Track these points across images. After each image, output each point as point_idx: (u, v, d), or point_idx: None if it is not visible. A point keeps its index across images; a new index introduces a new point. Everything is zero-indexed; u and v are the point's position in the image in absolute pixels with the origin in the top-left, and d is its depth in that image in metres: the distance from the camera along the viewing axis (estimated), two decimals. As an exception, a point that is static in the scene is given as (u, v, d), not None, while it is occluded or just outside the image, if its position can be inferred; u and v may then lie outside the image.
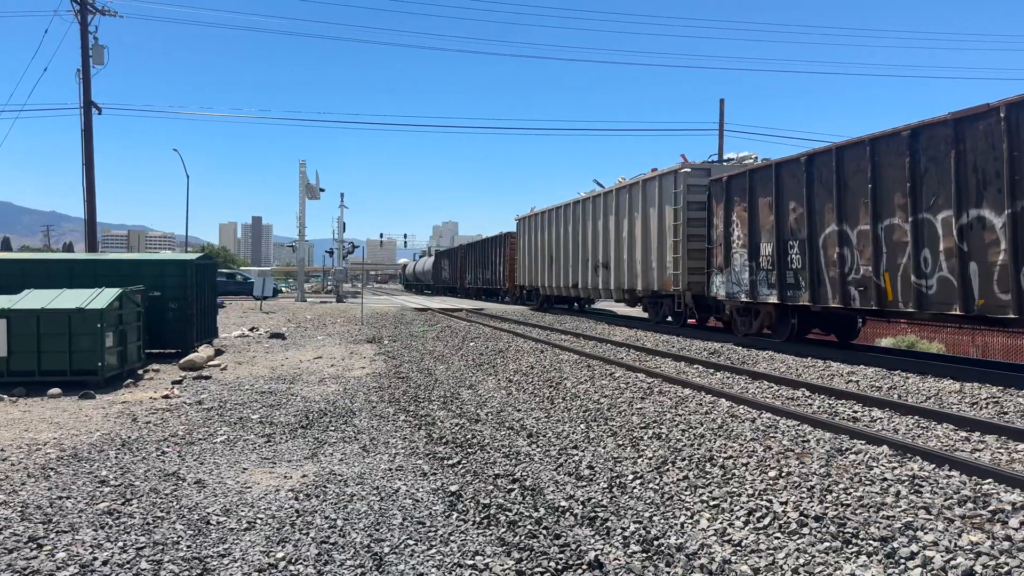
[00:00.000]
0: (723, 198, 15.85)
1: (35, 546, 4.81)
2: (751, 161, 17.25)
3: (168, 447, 7.66)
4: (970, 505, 4.99)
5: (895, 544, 4.47)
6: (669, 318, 19.10)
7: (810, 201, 13.00)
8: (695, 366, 12.17)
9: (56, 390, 11.02)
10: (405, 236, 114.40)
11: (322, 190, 45.10)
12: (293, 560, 4.64)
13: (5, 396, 10.61)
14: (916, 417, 7.81)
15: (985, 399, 8.53)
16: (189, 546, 4.86)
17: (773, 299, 14.11)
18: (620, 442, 7.44)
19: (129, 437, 8.08)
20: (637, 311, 24.67)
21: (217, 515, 5.49)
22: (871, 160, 11.49)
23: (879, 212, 11.40)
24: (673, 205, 17.56)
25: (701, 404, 8.83)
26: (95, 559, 4.60)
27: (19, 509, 5.55)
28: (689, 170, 17.39)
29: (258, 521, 5.37)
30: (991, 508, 4.90)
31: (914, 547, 4.41)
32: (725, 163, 17.68)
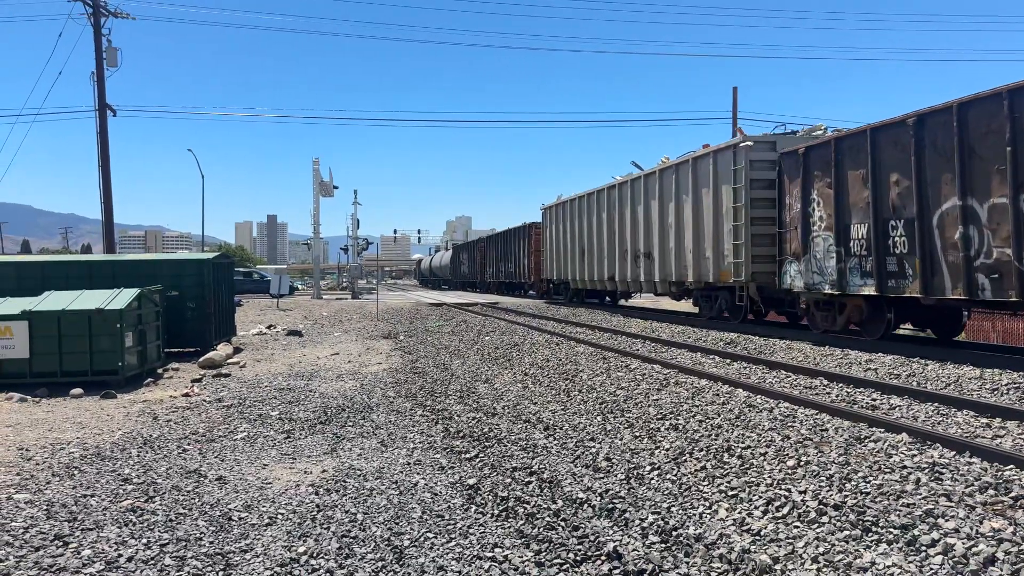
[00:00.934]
0: (799, 173, 13.73)
1: (61, 544, 4.89)
2: (820, 133, 15.09)
3: (189, 445, 7.74)
4: (991, 492, 4.96)
5: (915, 531, 4.46)
6: (726, 313, 17.01)
7: (920, 172, 11.01)
8: (712, 356, 12.14)
9: (78, 390, 11.15)
10: (419, 232, 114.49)
11: (336, 187, 45.28)
12: (314, 554, 4.68)
13: (28, 397, 10.75)
14: (936, 404, 7.76)
15: (1006, 385, 8.46)
16: (212, 542, 4.92)
17: (869, 290, 12.11)
18: (637, 433, 7.45)
19: (151, 435, 8.17)
20: (683, 305, 23.26)
21: (239, 511, 5.55)
22: (1010, 117, 9.53)
23: (1022, 181, 9.44)
24: (732, 184, 15.50)
25: (718, 394, 8.81)
26: (120, 556, 4.66)
27: (45, 507, 5.63)
28: (751, 144, 15.21)
29: (279, 516, 5.42)
30: (1013, 494, 4.87)
31: (935, 534, 4.40)
32: (792, 135, 15.48)
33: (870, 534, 4.54)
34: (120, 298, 12.21)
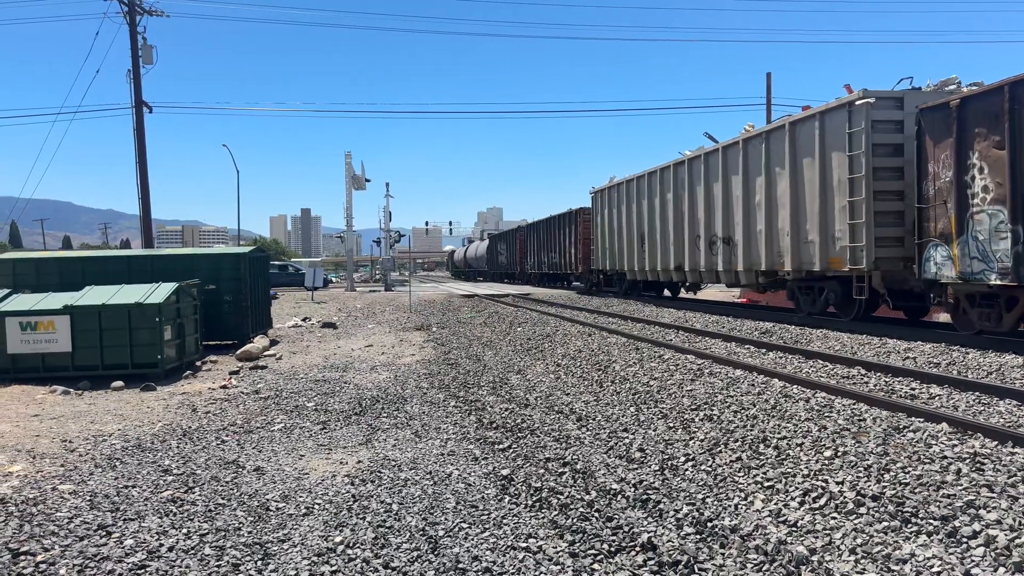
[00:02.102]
0: (951, 132, 11.04)
1: (104, 533, 5.00)
2: (954, 87, 12.71)
3: (227, 436, 7.86)
4: (1035, 482, 4.85)
5: (956, 523, 4.38)
6: (832, 308, 14.59)
7: None
8: (746, 347, 12.03)
9: (119, 383, 11.38)
10: (450, 223, 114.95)
11: (368, 180, 45.57)
12: (351, 544, 4.73)
13: (71, 390, 11.00)
14: (977, 393, 7.61)
15: (1050, 374, 8.26)
16: (250, 532, 5.00)
17: None
18: (671, 424, 7.41)
19: (190, 427, 8.31)
20: (766, 298, 20.59)
21: (276, 501, 5.62)
22: None
23: None
24: (847, 151, 12.97)
25: (753, 384, 8.73)
26: (161, 545, 4.75)
27: (88, 498, 5.76)
28: (873, 100, 12.61)
29: (316, 506, 5.49)
30: (1057, 485, 4.76)
31: (976, 526, 4.32)
32: (918, 91, 13.01)
33: (909, 525, 4.47)
34: (158, 292, 12.43)
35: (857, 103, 12.84)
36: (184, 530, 5.02)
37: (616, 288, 26.93)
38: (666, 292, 25.39)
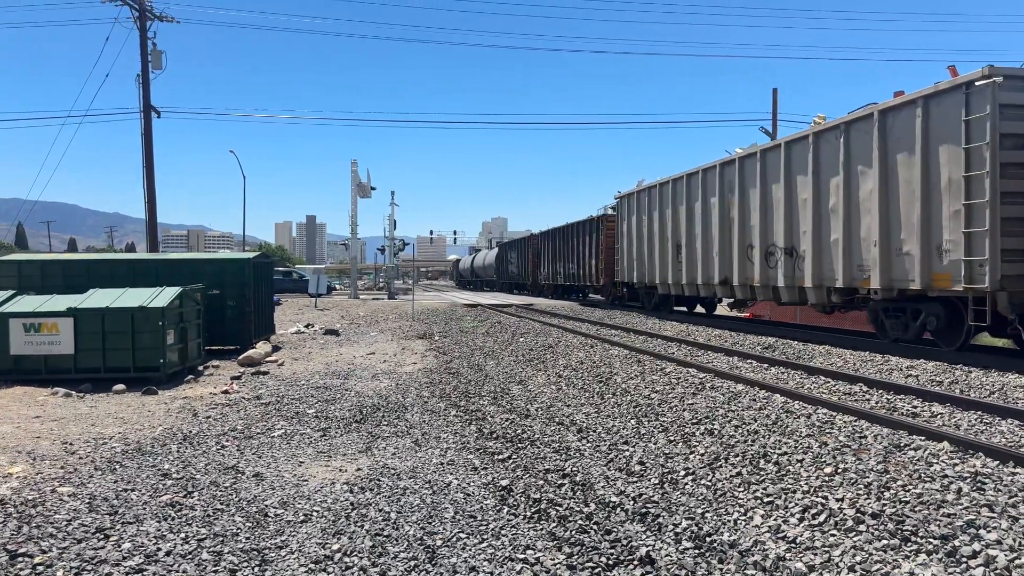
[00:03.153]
0: None
1: (102, 536, 5.00)
2: None
3: (227, 441, 7.86)
4: (1036, 503, 4.83)
5: (956, 542, 4.37)
6: (929, 334, 12.25)
7: None
8: (748, 361, 12.01)
9: (120, 386, 11.39)
10: (455, 232, 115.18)
11: (373, 188, 45.65)
12: (348, 552, 4.73)
13: (73, 392, 11.01)
14: (979, 412, 7.59)
15: (1053, 394, 8.24)
16: (248, 538, 4.99)
17: None
18: (671, 438, 7.39)
19: (190, 432, 8.32)
20: (833, 321, 18.56)
21: (275, 507, 5.62)
22: None
23: None
24: (963, 143, 10.64)
25: (755, 400, 8.71)
26: (159, 549, 4.75)
27: (87, 501, 5.77)
28: (1000, 79, 10.28)
29: (314, 513, 5.48)
30: (1058, 506, 4.74)
31: (976, 545, 4.30)
32: None
33: (909, 544, 4.46)
34: (162, 296, 12.46)
35: (978, 83, 10.44)
36: (182, 535, 5.02)
37: (643, 303, 24.37)
38: (698, 308, 23.24)
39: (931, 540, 4.44)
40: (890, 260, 12.28)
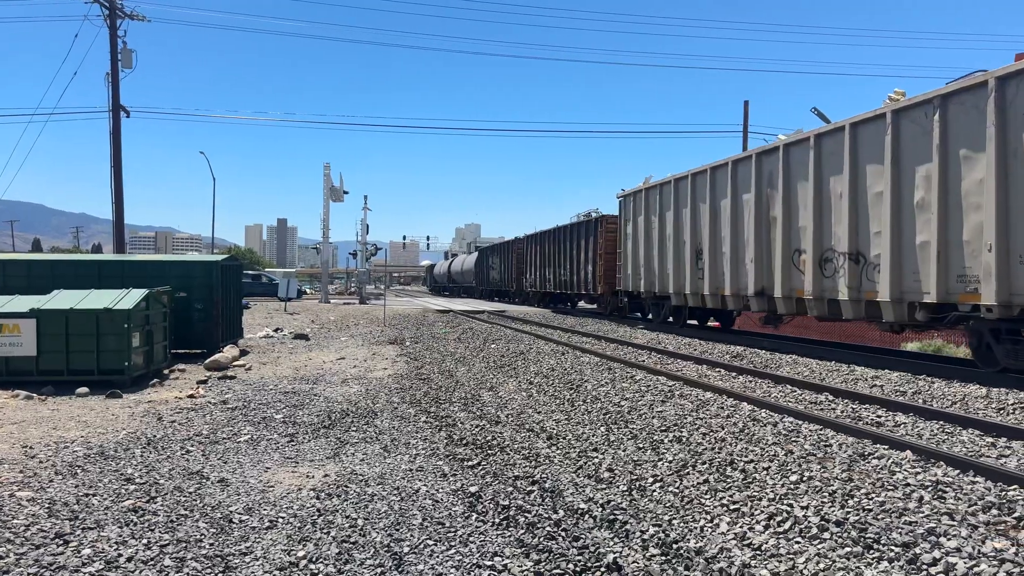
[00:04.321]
0: None
1: (62, 542, 4.90)
2: None
3: (193, 446, 7.75)
4: (995, 511, 4.93)
5: (917, 550, 4.43)
6: None
7: None
8: (717, 369, 12.11)
9: (84, 389, 11.19)
10: (428, 238, 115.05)
11: (346, 192, 45.42)
12: (314, 559, 4.68)
13: (35, 395, 10.80)
14: (941, 422, 7.72)
15: (1013, 404, 8.41)
16: (212, 544, 4.93)
17: None
18: (640, 445, 7.43)
19: (154, 436, 8.19)
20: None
21: (240, 513, 5.55)
22: None
23: None
24: None
25: (723, 407, 8.78)
26: (120, 555, 4.67)
27: (47, 506, 5.65)
28: None
29: (280, 520, 5.42)
30: (1016, 515, 4.83)
31: (936, 553, 4.37)
32: None
33: (871, 551, 4.51)
34: (128, 298, 12.27)
35: None
36: (144, 540, 4.94)
37: (650, 315, 21.71)
38: (697, 322, 20.90)
39: (893, 547, 4.51)
40: (1009, 269, 9.79)
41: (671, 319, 20.30)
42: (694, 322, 20.65)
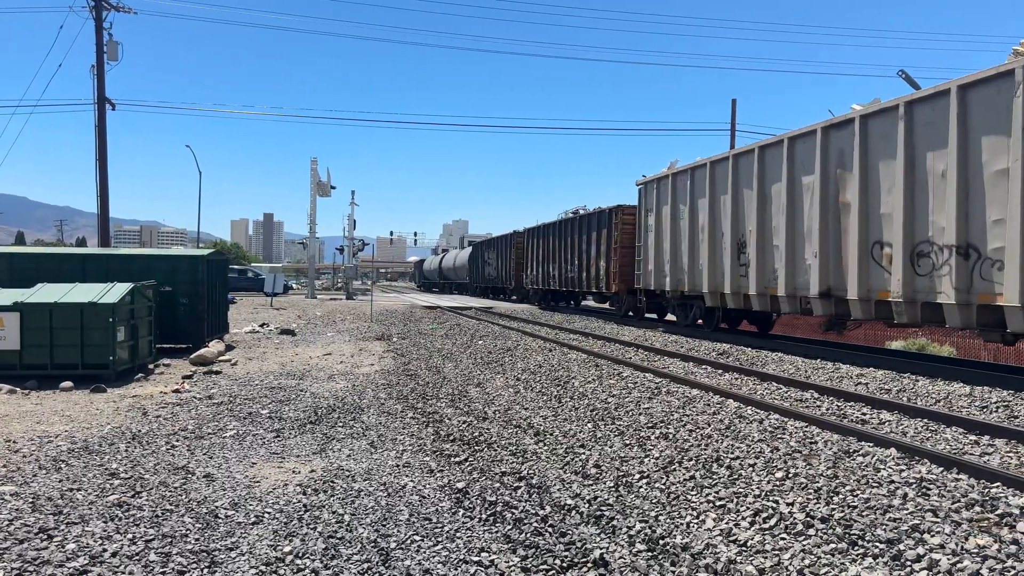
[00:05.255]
0: None
1: (45, 537, 4.86)
2: None
3: (178, 441, 7.71)
4: (978, 508, 4.97)
5: (901, 546, 4.47)
6: None
7: None
8: (704, 367, 12.15)
9: (68, 383, 11.11)
10: (415, 234, 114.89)
11: (333, 187, 45.31)
12: (300, 554, 4.67)
13: (18, 389, 10.71)
14: (925, 420, 7.78)
15: (996, 403, 8.49)
16: (197, 539, 4.90)
17: None
18: (627, 441, 7.45)
19: (139, 431, 8.14)
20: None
21: (225, 509, 5.53)
22: None
23: None
24: None
25: (709, 404, 8.82)
26: (104, 550, 4.64)
27: (30, 500, 5.61)
28: None
29: (266, 515, 5.40)
30: (999, 512, 4.88)
31: (920, 549, 4.41)
32: None
33: (856, 548, 4.55)
34: (113, 292, 12.18)
35: None
36: (129, 535, 4.91)
37: (678, 316, 19.11)
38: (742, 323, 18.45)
39: (877, 544, 4.54)
40: None
41: (700, 321, 17.95)
42: (723, 325, 17.95)
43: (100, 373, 11.59)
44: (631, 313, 22.58)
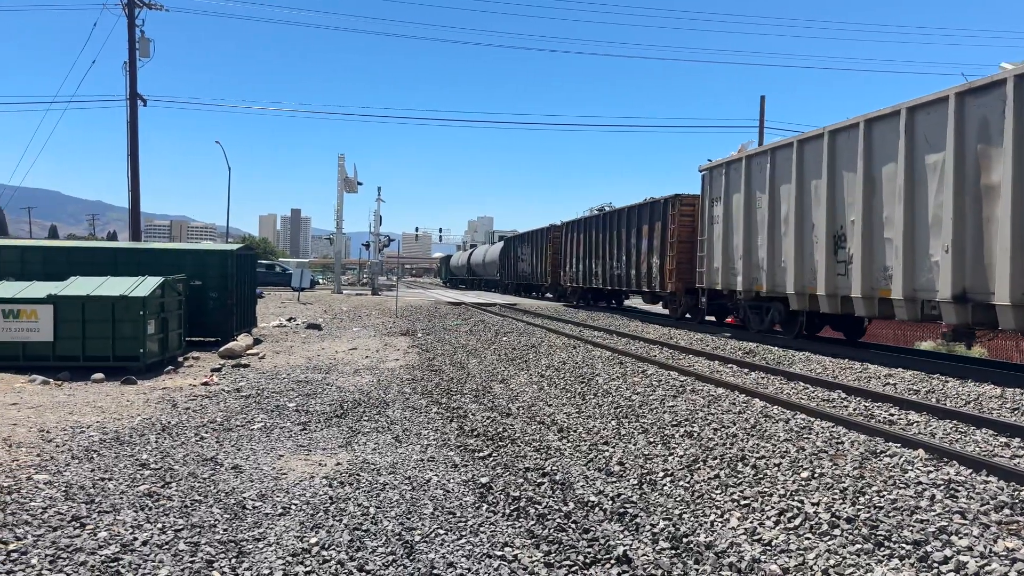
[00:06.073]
0: None
1: (78, 525, 4.96)
2: None
3: (206, 433, 7.82)
4: (1007, 511, 4.91)
5: (928, 548, 4.43)
6: None
7: None
8: (729, 365, 12.08)
9: (99, 375, 11.30)
10: (440, 230, 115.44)
11: (360, 183, 45.58)
12: (326, 545, 4.72)
13: (51, 380, 10.91)
14: (954, 421, 7.69)
15: (1027, 405, 8.36)
16: (225, 529, 4.98)
17: None
18: (651, 439, 7.44)
19: (169, 422, 8.27)
20: None
21: (253, 500, 5.60)
22: None
23: None
24: None
25: (734, 403, 8.78)
26: (135, 539, 4.73)
27: (63, 489, 5.72)
28: None
29: (293, 507, 5.47)
30: (1029, 515, 4.81)
31: (948, 551, 4.36)
32: None
33: (882, 548, 4.51)
34: (144, 286, 12.36)
35: None
36: (159, 525, 5.00)
37: (751, 320, 16.81)
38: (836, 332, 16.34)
39: (904, 545, 4.50)
40: None
41: (777, 327, 15.97)
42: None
43: (131, 365, 11.78)
44: (688, 315, 20.68)
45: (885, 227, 12.11)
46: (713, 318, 19.98)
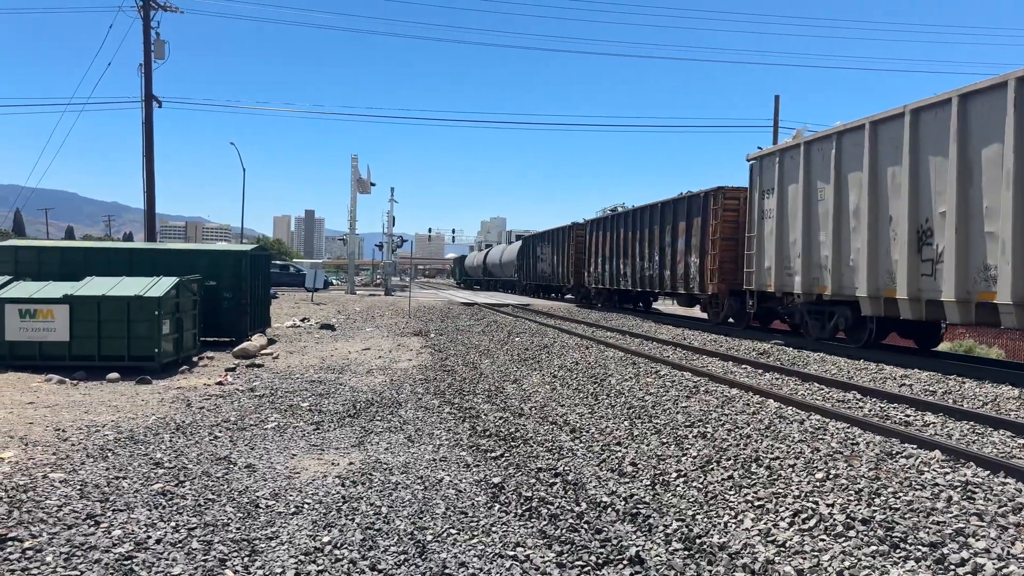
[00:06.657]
0: None
1: (93, 523, 4.99)
2: None
3: (220, 432, 7.86)
4: (1025, 513, 4.85)
5: (945, 550, 4.38)
6: None
7: None
8: (743, 366, 12.02)
9: (115, 375, 11.37)
10: (453, 231, 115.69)
11: (373, 184, 45.72)
12: (339, 544, 4.73)
13: (67, 379, 11.00)
14: (971, 423, 7.61)
15: (1045, 406, 8.26)
16: (239, 528, 4.99)
17: None
18: (664, 440, 7.40)
19: (183, 421, 8.31)
20: None
21: (266, 499, 5.62)
22: None
23: None
24: None
25: (748, 404, 8.72)
26: (149, 537, 4.75)
27: (78, 487, 5.76)
28: None
29: (305, 506, 5.49)
30: (1047, 517, 4.75)
31: (964, 553, 4.31)
32: None
33: (898, 550, 4.47)
34: (159, 286, 12.44)
35: None
36: (172, 523, 5.02)
37: (812, 327, 14.89)
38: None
39: (920, 547, 4.46)
40: None
41: (842, 333, 14.15)
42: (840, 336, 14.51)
43: (146, 365, 11.85)
44: (731, 320, 18.75)
45: (986, 220, 10.34)
46: (757, 323, 18.37)
